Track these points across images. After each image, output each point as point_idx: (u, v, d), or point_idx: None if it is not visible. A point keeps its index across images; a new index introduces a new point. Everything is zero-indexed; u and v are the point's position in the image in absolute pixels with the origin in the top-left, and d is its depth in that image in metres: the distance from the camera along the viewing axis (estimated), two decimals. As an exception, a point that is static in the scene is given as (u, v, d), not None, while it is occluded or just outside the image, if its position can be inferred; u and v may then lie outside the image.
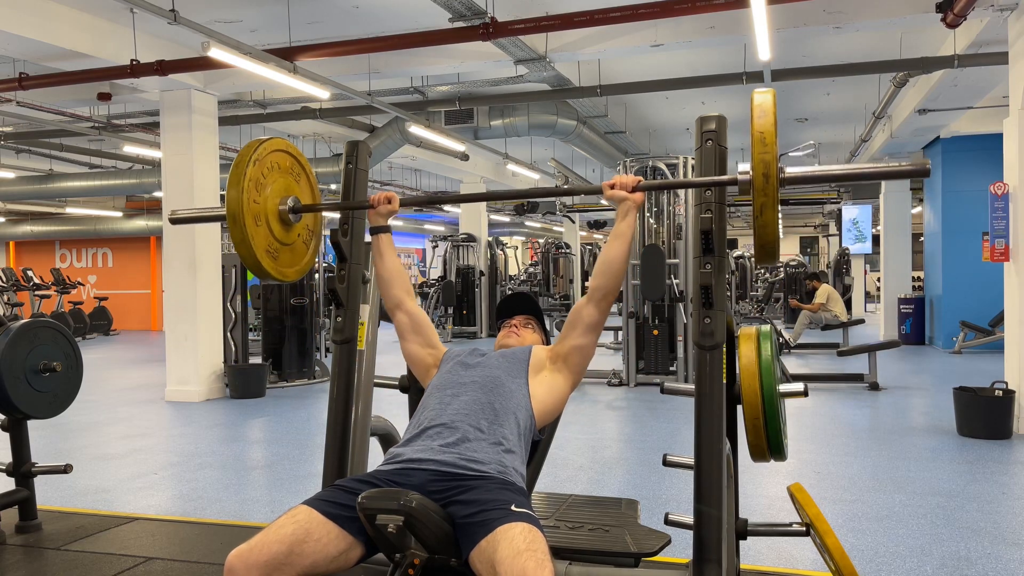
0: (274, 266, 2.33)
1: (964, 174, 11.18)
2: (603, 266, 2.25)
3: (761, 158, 1.84)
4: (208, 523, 3.96)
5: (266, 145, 2.28)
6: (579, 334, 2.29)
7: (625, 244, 2.22)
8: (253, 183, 2.21)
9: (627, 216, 2.20)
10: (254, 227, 2.22)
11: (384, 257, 2.47)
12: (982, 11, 5.89)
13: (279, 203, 2.34)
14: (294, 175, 2.43)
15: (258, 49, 6.46)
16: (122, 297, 18.19)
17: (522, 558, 1.68)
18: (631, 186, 2.17)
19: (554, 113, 9.82)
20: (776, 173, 1.84)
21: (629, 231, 2.21)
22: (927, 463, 4.96)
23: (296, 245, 2.45)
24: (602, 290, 2.26)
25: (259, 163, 2.24)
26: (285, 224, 2.37)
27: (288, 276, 2.42)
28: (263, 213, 2.27)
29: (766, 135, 1.84)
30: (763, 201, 1.84)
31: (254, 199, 2.22)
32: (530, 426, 2.20)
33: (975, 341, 10.68)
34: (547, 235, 25.73)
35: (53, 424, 6.16)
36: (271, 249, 2.32)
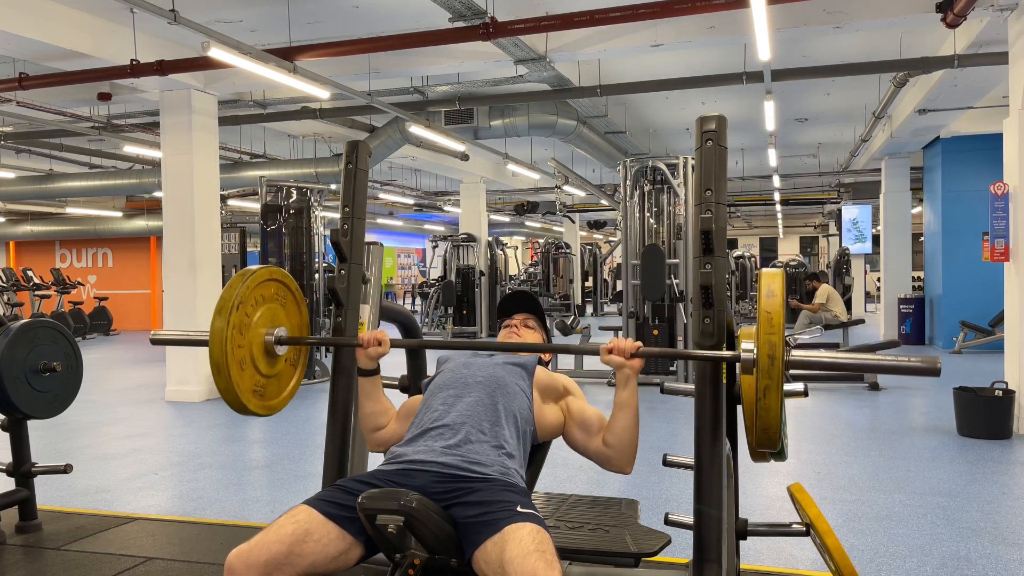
0: (261, 404, 2.27)
1: (964, 174, 11.18)
2: (612, 439, 2.15)
3: (767, 339, 1.77)
4: (208, 523, 3.96)
5: (250, 283, 2.20)
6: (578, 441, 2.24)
7: (631, 415, 2.12)
8: (237, 329, 2.14)
9: (627, 384, 2.10)
10: (239, 373, 2.16)
11: (371, 401, 2.32)
12: (982, 11, 5.89)
13: (264, 334, 2.26)
14: (280, 301, 2.35)
15: (258, 49, 6.45)
16: (122, 297, 18.19)
17: (532, 558, 1.68)
18: (629, 352, 2.06)
19: (554, 113, 9.82)
20: (782, 355, 1.77)
21: (633, 400, 2.12)
22: (927, 463, 4.96)
23: (283, 372, 2.37)
24: (608, 459, 2.17)
25: (243, 305, 2.17)
26: (271, 356, 2.29)
27: (275, 408, 2.35)
28: (248, 356, 2.20)
29: (774, 316, 1.79)
30: (767, 384, 1.77)
31: (238, 344, 2.15)
32: (530, 431, 2.19)
33: (975, 341, 10.67)
34: (547, 235, 25.72)
35: (53, 424, 6.16)
36: (257, 388, 2.26)
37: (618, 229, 13.88)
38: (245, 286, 2.18)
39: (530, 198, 19.08)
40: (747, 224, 28.97)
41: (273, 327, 2.30)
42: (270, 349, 2.28)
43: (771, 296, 1.81)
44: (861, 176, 16.34)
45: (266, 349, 2.27)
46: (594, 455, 2.21)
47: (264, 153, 12.89)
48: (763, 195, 19.25)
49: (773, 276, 1.84)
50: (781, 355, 1.77)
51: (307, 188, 9.35)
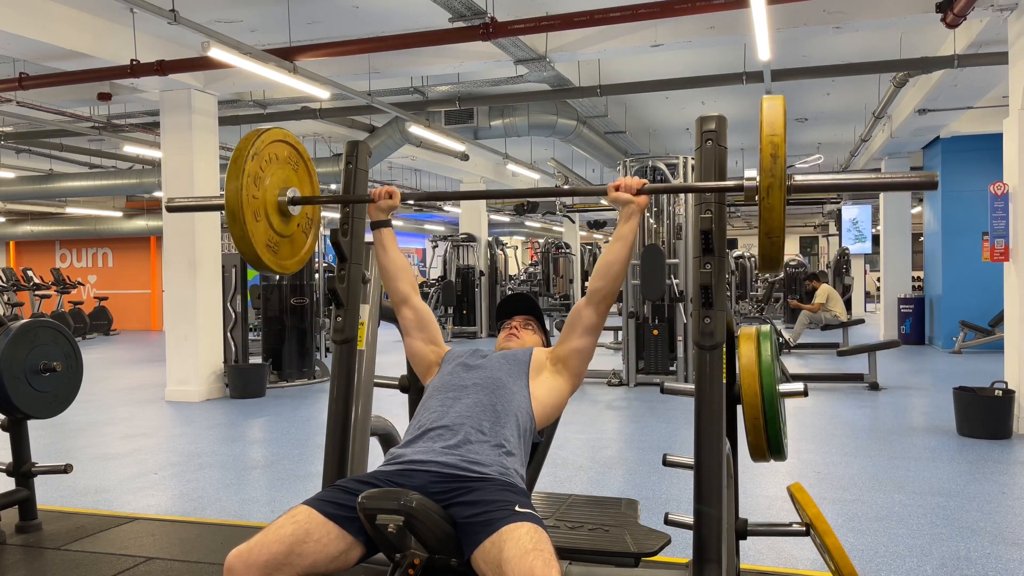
0: (275, 260, 2.33)
1: (964, 174, 11.18)
2: (603, 268, 2.23)
3: (769, 140, 1.83)
4: (208, 523, 3.96)
5: (264, 137, 2.26)
6: (578, 336, 2.29)
7: (626, 247, 2.20)
8: (251, 178, 2.19)
9: (630, 219, 2.17)
10: (254, 223, 2.21)
11: (388, 251, 2.45)
12: (982, 11, 5.89)
13: (278, 194, 2.33)
14: (292, 164, 2.41)
15: (258, 49, 6.46)
16: (122, 297, 18.19)
17: (529, 557, 1.68)
18: (635, 189, 2.14)
19: (554, 113, 9.82)
20: (784, 155, 1.82)
21: (631, 234, 2.19)
22: (927, 463, 4.96)
23: (295, 236, 2.44)
24: (601, 292, 2.25)
25: (257, 157, 2.23)
26: (284, 216, 2.36)
27: (288, 268, 2.43)
28: (262, 208, 2.26)
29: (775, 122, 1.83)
30: (770, 182, 1.81)
31: (253, 194, 2.21)
32: (530, 428, 2.20)
33: (975, 341, 10.68)
34: (547, 235, 25.72)
35: (53, 424, 6.16)
36: (271, 243, 2.31)
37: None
38: (260, 139, 2.23)
39: (529, 198, 19.07)
40: (747, 224, 28.98)
41: (286, 188, 2.35)
42: (283, 208, 2.34)
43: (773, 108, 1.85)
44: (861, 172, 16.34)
45: (280, 208, 2.33)
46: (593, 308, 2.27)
47: (264, 153, 12.87)
48: (763, 195, 19.20)
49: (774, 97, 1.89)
50: (783, 155, 1.81)
51: (307, 188, 9.33)
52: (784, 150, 1.82)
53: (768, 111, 1.86)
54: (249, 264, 2.28)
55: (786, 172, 1.83)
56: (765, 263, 1.92)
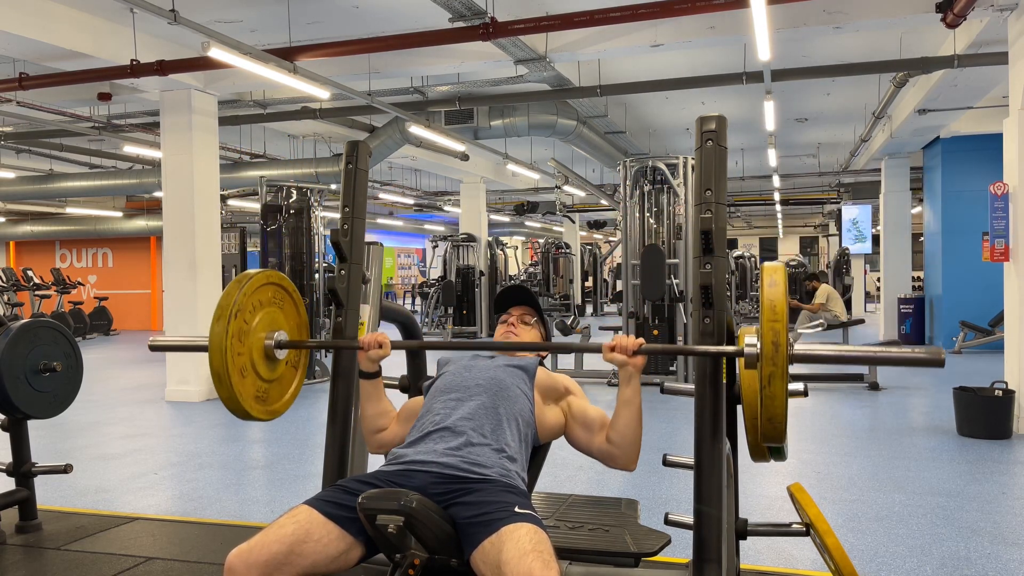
0: (264, 409, 2.27)
1: (964, 174, 11.18)
2: (616, 436, 2.13)
3: (771, 327, 1.77)
4: (208, 523, 3.96)
5: (247, 288, 2.18)
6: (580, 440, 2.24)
7: (634, 412, 2.10)
8: (236, 337, 2.13)
9: (630, 382, 2.09)
10: (240, 381, 2.15)
11: (372, 404, 2.32)
12: (982, 11, 5.89)
13: (264, 338, 2.25)
14: (278, 304, 2.34)
15: (258, 49, 6.45)
16: (122, 297, 18.19)
17: (528, 558, 1.68)
18: (631, 350, 2.04)
19: (554, 113, 9.82)
20: (786, 343, 1.76)
21: (636, 397, 2.10)
22: (927, 463, 4.96)
23: (284, 376, 2.36)
24: (612, 457, 2.16)
25: (241, 312, 2.16)
26: (271, 360, 2.28)
27: (278, 412, 2.34)
28: (248, 363, 2.19)
29: (777, 304, 1.79)
30: (771, 371, 1.76)
31: (238, 352, 2.14)
32: (531, 435, 2.19)
33: (975, 341, 10.68)
34: (547, 235, 25.72)
35: (53, 424, 6.16)
36: (260, 393, 2.25)
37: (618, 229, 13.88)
38: (242, 292, 2.16)
39: (530, 198, 19.08)
40: (747, 224, 28.98)
41: (272, 331, 2.29)
42: (270, 353, 2.27)
43: (774, 286, 1.82)
44: (861, 176, 16.35)
45: (266, 354, 2.26)
46: (597, 453, 2.20)
47: (264, 153, 12.89)
48: (763, 195, 19.25)
49: (776, 268, 1.85)
50: (785, 342, 1.76)
51: (307, 188, 9.35)
52: (786, 336, 1.76)
53: (769, 289, 1.81)
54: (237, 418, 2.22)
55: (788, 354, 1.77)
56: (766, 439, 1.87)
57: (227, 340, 2.09)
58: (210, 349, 2.10)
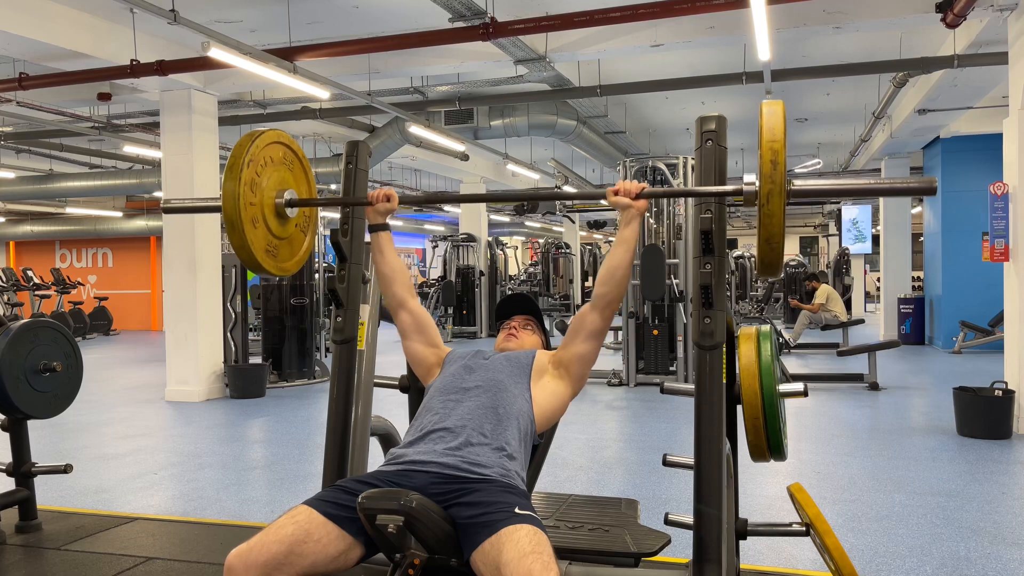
0: (274, 263, 2.33)
1: (964, 174, 11.18)
2: (606, 273, 2.23)
3: (769, 146, 1.82)
4: (208, 523, 3.96)
5: (259, 142, 2.25)
6: (582, 340, 2.28)
7: (628, 251, 2.20)
8: (248, 186, 2.18)
9: (630, 223, 2.17)
10: (252, 230, 2.20)
11: (384, 255, 2.45)
12: (982, 11, 5.89)
13: (275, 197, 2.32)
14: (288, 165, 2.40)
15: (258, 49, 6.46)
16: (122, 297, 18.19)
17: (528, 560, 1.68)
18: (634, 193, 2.14)
19: (554, 113, 9.82)
20: (784, 163, 1.80)
21: (633, 238, 2.19)
22: (927, 463, 4.96)
23: (294, 237, 2.43)
24: (606, 297, 2.24)
25: (252, 163, 2.21)
26: (282, 218, 2.35)
27: (288, 270, 2.42)
28: (259, 214, 2.25)
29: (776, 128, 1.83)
30: (770, 188, 1.80)
31: (250, 201, 2.20)
32: (531, 431, 2.20)
33: (975, 341, 10.67)
34: (547, 235, 25.72)
35: (53, 424, 6.16)
36: (270, 248, 2.31)
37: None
38: (254, 145, 2.21)
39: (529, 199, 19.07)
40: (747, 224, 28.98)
41: (283, 190, 2.34)
42: (280, 211, 2.32)
43: (772, 115, 1.85)
44: (861, 176, 16.35)
45: (277, 210, 2.32)
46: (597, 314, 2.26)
47: (264, 153, 12.86)
48: (763, 195, 19.20)
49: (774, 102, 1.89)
50: (783, 161, 1.79)
51: (307, 188, 9.33)
52: (784, 156, 1.81)
53: (768, 117, 1.85)
54: (249, 269, 2.27)
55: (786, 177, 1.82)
56: (764, 268, 1.91)
57: (240, 188, 2.14)
58: (223, 196, 2.14)
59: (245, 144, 2.22)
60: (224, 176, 2.17)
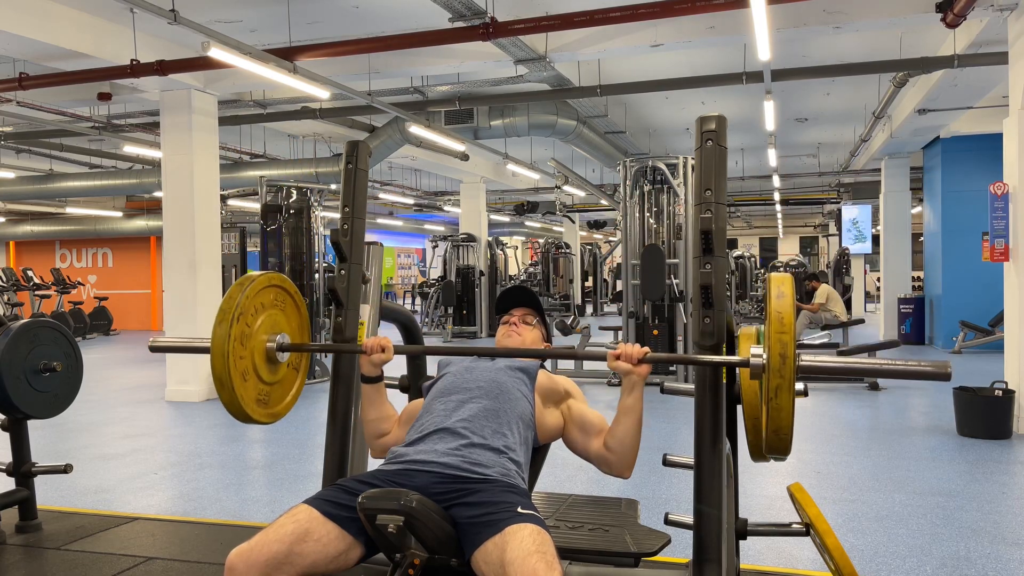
0: (265, 412, 2.26)
1: (964, 174, 11.18)
2: (614, 443, 2.13)
3: (779, 338, 1.74)
4: (208, 523, 3.96)
5: (249, 292, 2.17)
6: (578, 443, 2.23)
7: (635, 421, 2.10)
8: (238, 340, 2.12)
9: (633, 390, 2.08)
10: (242, 384, 2.14)
11: (375, 408, 2.31)
12: (982, 11, 5.89)
13: (266, 341, 2.24)
14: (280, 306, 2.33)
15: (258, 49, 6.45)
16: (122, 297, 18.19)
17: (532, 559, 1.68)
18: (636, 358, 2.02)
19: (554, 113, 9.82)
20: (794, 355, 1.73)
21: (638, 406, 2.09)
22: (927, 463, 4.96)
23: (286, 378, 2.36)
24: (608, 463, 2.16)
25: (243, 315, 2.15)
26: (273, 363, 2.27)
27: (279, 415, 2.33)
28: (250, 366, 2.18)
29: (784, 316, 1.77)
30: (779, 383, 1.73)
31: (240, 355, 2.13)
32: (531, 436, 2.19)
33: (975, 341, 10.67)
34: (547, 235, 25.72)
35: (53, 424, 6.16)
36: (261, 396, 2.24)
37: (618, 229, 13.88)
38: (244, 296, 2.15)
39: (530, 198, 19.08)
40: (747, 224, 28.96)
41: (274, 333, 2.28)
42: (272, 356, 2.26)
43: (782, 297, 1.79)
44: (861, 176, 16.35)
45: (268, 356, 2.26)
46: (594, 458, 2.20)
47: (264, 153, 12.89)
48: (763, 195, 19.26)
49: (783, 279, 1.83)
50: (793, 355, 1.72)
51: (307, 188, 9.35)
52: (793, 349, 1.72)
53: (776, 301, 1.78)
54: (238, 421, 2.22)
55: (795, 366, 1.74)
56: (771, 451, 1.84)
57: (229, 344, 2.08)
58: (212, 353, 2.09)
59: (235, 295, 2.15)
60: (213, 327, 2.10)
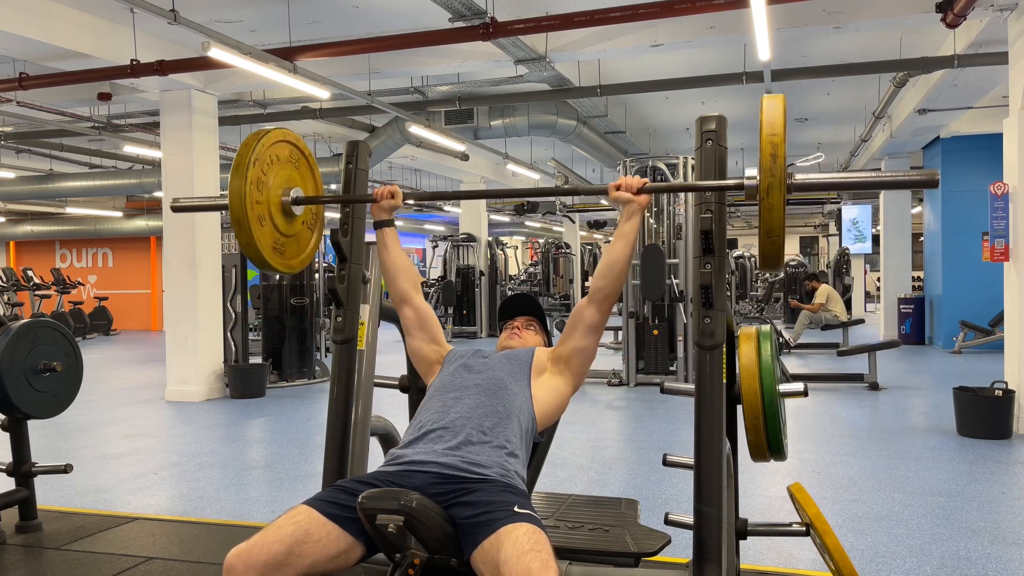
0: (281, 261, 2.34)
1: (964, 174, 11.18)
2: (605, 267, 2.23)
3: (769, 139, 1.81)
4: (208, 523, 3.96)
5: (265, 140, 2.26)
6: (580, 335, 2.28)
7: (628, 245, 2.20)
8: (254, 184, 2.20)
9: (632, 218, 2.17)
10: (259, 228, 2.22)
11: (390, 250, 2.46)
12: (982, 11, 5.89)
13: (281, 195, 2.33)
14: (294, 163, 2.41)
15: (258, 49, 6.45)
16: (122, 297, 18.19)
17: (527, 558, 1.68)
18: (636, 188, 2.14)
19: (554, 113, 9.82)
20: (784, 156, 1.79)
21: (633, 232, 2.19)
22: (927, 463, 4.96)
23: (300, 234, 2.45)
24: (603, 291, 2.24)
25: (259, 161, 2.22)
26: (288, 216, 2.36)
27: (295, 267, 2.44)
28: (266, 212, 2.27)
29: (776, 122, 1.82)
30: (770, 182, 1.79)
31: (256, 199, 2.21)
32: (531, 429, 2.20)
33: (975, 341, 10.67)
34: (547, 235, 25.71)
35: (53, 424, 6.16)
36: (277, 245, 2.32)
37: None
38: (260, 143, 2.22)
39: (530, 198, 19.07)
40: (747, 224, 28.97)
41: (289, 188, 2.35)
42: (287, 209, 2.34)
43: (773, 108, 1.84)
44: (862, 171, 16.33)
45: (283, 208, 2.33)
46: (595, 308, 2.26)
47: (264, 153, 12.87)
48: (763, 195, 19.20)
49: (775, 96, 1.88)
50: (783, 155, 1.79)
51: (307, 188, 9.34)
52: (784, 150, 1.81)
53: (768, 110, 1.85)
54: (256, 267, 2.29)
55: (786, 171, 1.82)
56: (765, 262, 1.91)
57: (246, 186, 2.15)
58: (229, 195, 2.15)
59: (251, 143, 2.23)
60: (231, 174, 2.18)
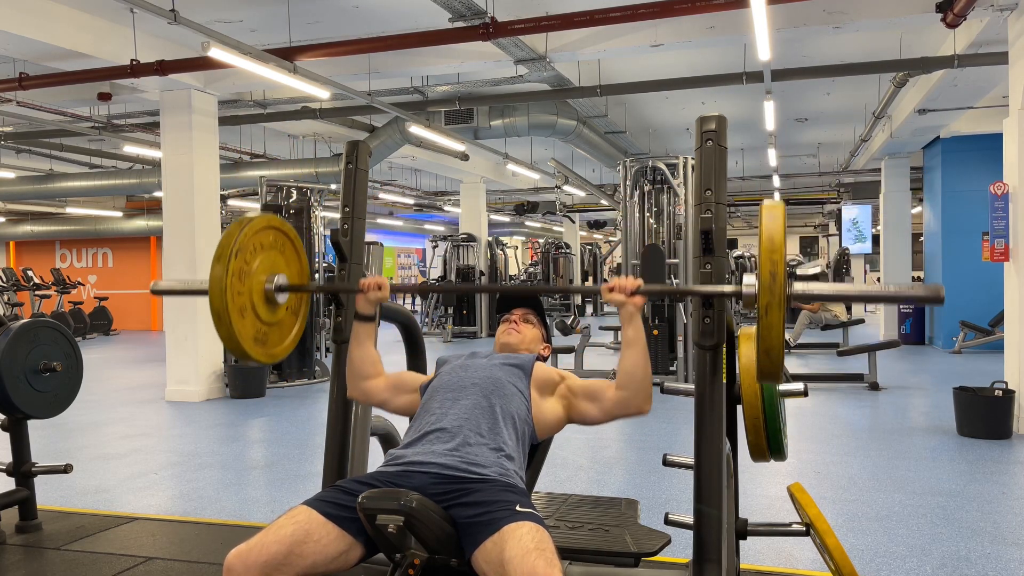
0: (263, 351, 2.24)
1: (964, 174, 11.18)
2: (624, 378, 2.11)
3: (769, 257, 1.75)
4: (208, 523, 3.96)
5: (247, 230, 2.16)
6: (591, 409, 2.20)
7: (639, 352, 2.08)
8: (236, 276, 2.10)
9: (632, 321, 2.07)
10: (240, 320, 2.12)
11: (364, 347, 2.32)
12: (982, 11, 5.89)
13: (264, 282, 2.23)
14: (278, 248, 2.31)
15: (258, 49, 6.45)
16: (122, 297, 18.19)
17: (531, 557, 1.68)
18: (630, 290, 2.03)
19: (554, 113, 9.82)
20: (784, 274, 1.74)
21: (639, 338, 2.08)
22: (927, 463, 4.96)
23: (284, 320, 2.34)
24: (624, 402, 2.12)
25: (242, 252, 2.13)
26: (271, 304, 2.26)
27: (277, 356, 2.31)
28: (248, 303, 2.17)
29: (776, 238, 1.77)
30: (768, 301, 1.74)
31: (238, 291, 2.12)
32: (528, 432, 2.19)
33: (975, 341, 10.67)
34: (547, 235, 25.72)
35: (53, 424, 6.16)
36: (259, 336, 2.23)
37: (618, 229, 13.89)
38: (243, 233, 2.15)
39: (530, 198, 19.08)
40: (747, 224, 28.98)
41: (273, 274, 2.27)
42: (271, 297, 2.25)
43: (773, 220, 1.80)
44: (861, 176, 16.34)
45: (266, 297, 2.25)
46: (613, 407, 2.15)
47: (264, 153, 12.89)
48: (763, 195, 19.25)
49: (775, 205, 1.83)
50: (783, 273, 1.73)
51: (307, 188, 9.36)
52: (783, 267, 1.75)
53: (768, 222, 1.78)
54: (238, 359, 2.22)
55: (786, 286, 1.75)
56: (763, 377, 1.84)
57: (227, 279, 2.07)
58: (210, 287, 2.07)
59: (234, 232, 2.13)
60: (212, 261, 2.09)
